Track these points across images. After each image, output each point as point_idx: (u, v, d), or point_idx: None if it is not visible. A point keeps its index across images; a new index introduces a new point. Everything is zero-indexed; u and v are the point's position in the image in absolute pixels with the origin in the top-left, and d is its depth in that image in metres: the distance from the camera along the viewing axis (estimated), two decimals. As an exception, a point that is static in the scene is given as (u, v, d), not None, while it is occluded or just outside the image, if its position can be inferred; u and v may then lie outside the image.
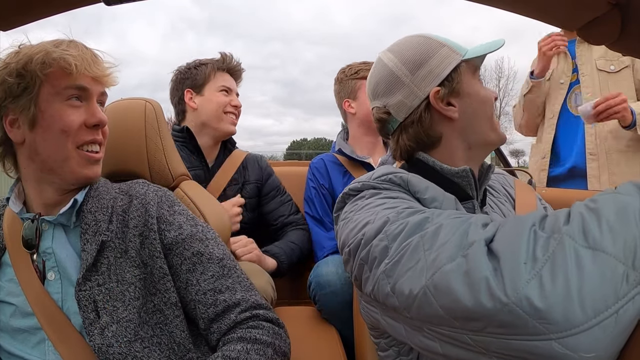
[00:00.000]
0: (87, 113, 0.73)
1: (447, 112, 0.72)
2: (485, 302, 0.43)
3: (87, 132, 0.73)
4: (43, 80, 0.69)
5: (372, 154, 1.51)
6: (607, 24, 0.58)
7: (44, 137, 0.70)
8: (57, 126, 0.70)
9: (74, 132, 0.71)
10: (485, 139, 0.75)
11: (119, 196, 0.77)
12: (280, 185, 1.54)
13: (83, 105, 0.73)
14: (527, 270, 0.42)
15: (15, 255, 0.71)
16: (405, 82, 0.73)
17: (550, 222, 0.46)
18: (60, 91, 0.70)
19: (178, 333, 0.69)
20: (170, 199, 0.80)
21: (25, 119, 0.69)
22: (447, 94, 0.71)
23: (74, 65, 0.69)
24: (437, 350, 0.51)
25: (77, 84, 0.71)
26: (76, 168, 0.72)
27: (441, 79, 0.72)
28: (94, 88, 0.74)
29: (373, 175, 0.71)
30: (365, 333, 0.83)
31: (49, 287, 0.69)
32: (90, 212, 0.73)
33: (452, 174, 0.71)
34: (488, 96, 0.75)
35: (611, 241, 0.41)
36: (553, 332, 0.40)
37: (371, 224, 0.60)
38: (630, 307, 0.40)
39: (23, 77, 0.68)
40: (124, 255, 0.71)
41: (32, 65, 0.68)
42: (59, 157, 0.71)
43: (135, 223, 0.73)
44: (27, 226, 0.71)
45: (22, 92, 0.69)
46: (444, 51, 0.73)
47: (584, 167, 1.72)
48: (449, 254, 0.48)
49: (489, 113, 0.75)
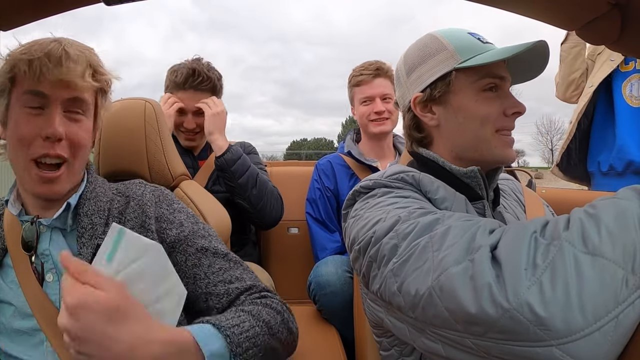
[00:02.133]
0: (43, 122, 0.65)
1: (424, 119, 0.73)
2: (488, 309, 0.43)
3: (43, 144, 0.65)
4: (13, 82, 0.66)
5: (380, 158, 1.51)
6: (607, 24, 0.58)
7: (9, 143, 0.68)
8: (15, 134, 0.66)
9: (27, 142, 0.65)
10: (474, 155, 0.70)
11: (116, 197, 0.77)
12: (262, 164, 1.50)
13: (44, 113, 0.66)
14: (528, 277, 0.42)
15: (15, 256, 0.71)
16: (402, 82, 0.77)
17: (551, 228, 0.46)
18: (20, 97, 0.66)
19: None
20: (169, 198, 0.80)
21: (1, 118, 0.69)
22: (426, 100, 0.71)
23: (27, 68, 0.63)
24: (440, 353, 0.51)
25: (37, 89, 0.65)
26: (32, 183, 0.68)
27: (424, 85, 0.71)
28: (56, 94, 0.66)
29: (385, 174, 0.71)
30: (366, 333, 0.83)
31: (47, 288, 0.69)
32: (87, 215, 0.72)
33: (461, 174, 0.71)
34: (482, 113, 0.68)
35: (610, 246, 0.41)
36: (554, 339, 0.40)
37: (382, 222, 0.60)
38: (631, 312, 0.40)
39: (1, 77, 0.67)
40: None
41: (6, 65, 0.66)
42: (19, 166, 0.68)
43: (132, 225, 0.73)
44: (26, 228, 0.71)
45: (1, 92, 0.68)
46: (440, 56, 0.70)
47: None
48: (456, 257, 0.48)
49: (479, 130, 0.68)
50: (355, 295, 0.93)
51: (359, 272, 0.64)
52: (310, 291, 1.26)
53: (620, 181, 1.73)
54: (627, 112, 1.73)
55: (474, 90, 0.69)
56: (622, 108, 1.75)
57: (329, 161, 1.50)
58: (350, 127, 1.69)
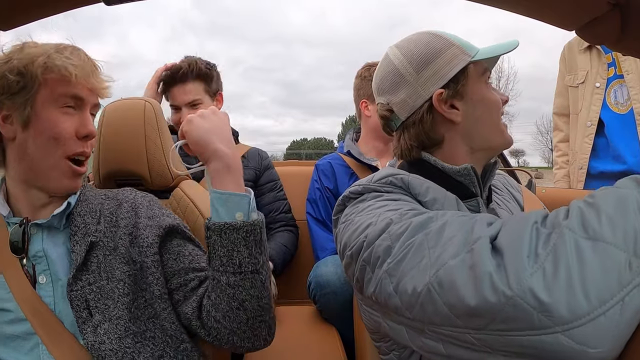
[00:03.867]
0: (79, 123, 0.73)
1: (450, 115, 0.70)
2: (489, 297, 0.42)
3: (77, 143, 0.73)
4: (42, 83, 0.69)
5: (381, 156, 1.50)
6: (607, 24, 0.58)
7: (35, 140, 0.70)
8: (49, 132, 0.70)
9: (64, 140, 0.71)
10: (489, 144, 0.73)
11: (106, 201, 0.78)
12: (278, 181, 1.54)
13: (76, 114, 0.73)
14: (530, 264, 0.42)
15: (2, 260, 0.70)
16: (409, 81, 0.72)
17: (551, 218, 0.46)
18: (57, 97, 0.71)
19: (168, 325, 0.71)
20: (159, 203, 0.83)
21: (20, 117, 0.69)
22: (451, 96, 0.70)
23: (74, 74, 0.70)
24: (440, 352, 0.51)
25: (74, 93, 0.72)
26: (60, 178, 0.72)
27: (446, 81, 0.70)
28: (89, 99, 0.74)
29: (374, 178, 0.70)
30: (366, 333, 0.83)
31: (40, 290, 0.69)
32: (80, 215, 0.74)
33: (454, 173, 0.70)
34: (495, 100, 0.72)
35: (611, 231, 0.41)
36: (559, 325, 0.39)
37: (374, 225, 0.59)
38: (636, 295, 0.39)
39: (23, 76, 0.68)
40: (112, 253, 0.71)
41: (34, 66, 0.68)
42: (46, 163, 0.71)
43: (126, 223, 0.74)
44: (14, 231, 0.70)
45: (20, 90, 0.68)
46: (452, 51, 0.70)
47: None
48: (454, 250, 0.48)
49: (494, 118, 0.72)
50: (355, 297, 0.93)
51: (352, 278, 0.63)
52: (310, 291, 1.26)
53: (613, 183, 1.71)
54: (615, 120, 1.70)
55: (482, 82, 0.73)
56: (610, 116, 1.71)
57: (329, 161, 1.50)
58: (350, 127, 1.68)
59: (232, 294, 0.67)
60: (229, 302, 0.67)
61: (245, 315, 0.68)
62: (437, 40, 0.72)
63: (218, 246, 0.67)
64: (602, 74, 1.71)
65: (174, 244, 0.76)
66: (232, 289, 0.67)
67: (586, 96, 1.74)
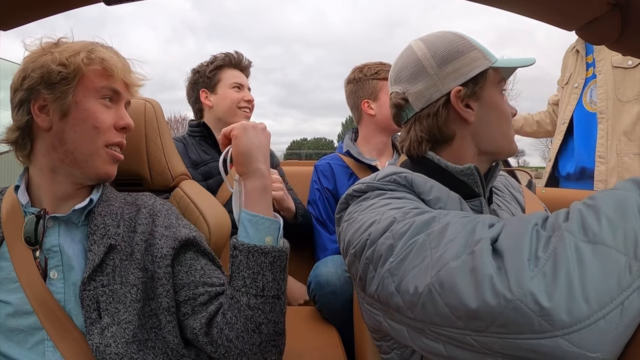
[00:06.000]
0: (116, 115, 0.76)
1: (464, 114, 0.72)
2: (490, 300, 0.43)
3: (116, 133, 0.76)
4: (85, 74, 0.71)
5: (380, 155, 1.50)
6: (607, 24, 0.58)
7: (74, 129, 0.71)
8: (91, 121, 0.72)
9: (104, 130, 0.73)
10: (496, 149, 0.75)
11: (126, 206, 0.78)
12: (285, 179, 1.58)
13: (113, 107, 0.76)
14: (531, 268, 0.42)
15: (14, 249, 0.68)
16: (430, 73, 0.73)
17: (551, 221, 0.46)
18: (98, 89, 0.73)
19: (171, 339, 0.70)
20: (176, 212, 0.82)
21: (58, 107, 0.70)
22: (468, 95, 0.71)
23: (117, 68, 0.73)
24: (441, 352, 0.51)
25: (114, 86, 0.75)
26: (100, 164, 0.74)
27: (466, 79, 0.71)
28: (125, 94, 0.78)
29: (377, 176, 0.70)
30: (366, 333, 0.82)
31: (50, 285, 0.68)
32: (100, 215, 0.73)
33: (457, 172, 0.71)
34: (506, 112, 0.75)
35: (611, 234, 0.41)
36: (559, 329, 0.39)
37: (377, 223, 0.59)
38: (636, 298, 0.39)
39: (65, 67, 0.70)
40: (129, 258, 0.71)
41: (78, 58, 0.70)
42: (87, 150, 0.72)
43: (143, 229, 0.74)
44: (29, 221, 0.69)
45: (60, 80, 0.69)
46: (474, 53, 0.73)
47: (593, 169, 1.65)
48: (456, 252, 0.48)
49: (504, 127, 0.75)
50: (355, 295, 0.93)
51: (355, 277, 0.63)
52: (310, 291, 1.26)
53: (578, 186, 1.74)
54: (582, 118, 1.73)
55: (498, 90, 0.75)
56: (580, 114, 1.75)
57: (328, 162, 1.50)
58: (350, 127, 1.68)
59: (251, 315, 0.67)
60: (246, 323, 0.67)
61: (259, 338, 0.68)
62: (461, 41, 0.74)
63: (244, 267, 0.68)
64: (581, 74, 1.75)
65: (187, 257, 0.75)
66: (251, 311, 0.67)
67: (565, 97, 1.80)
